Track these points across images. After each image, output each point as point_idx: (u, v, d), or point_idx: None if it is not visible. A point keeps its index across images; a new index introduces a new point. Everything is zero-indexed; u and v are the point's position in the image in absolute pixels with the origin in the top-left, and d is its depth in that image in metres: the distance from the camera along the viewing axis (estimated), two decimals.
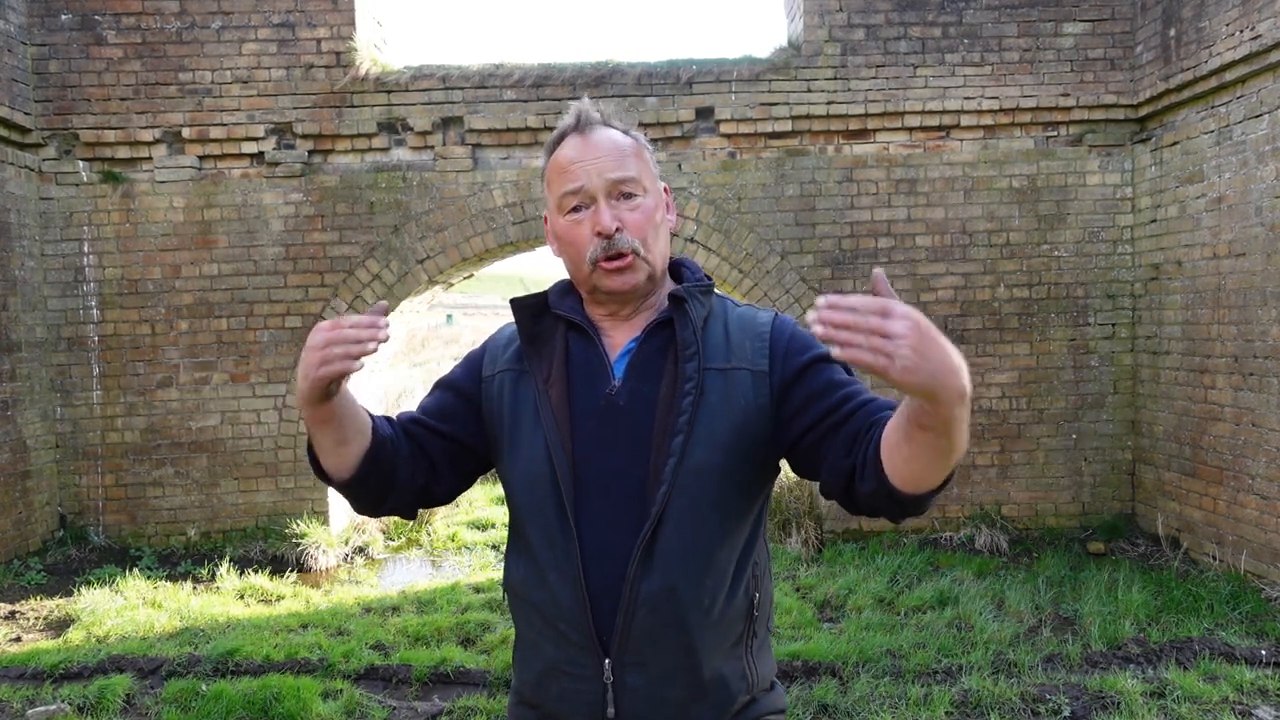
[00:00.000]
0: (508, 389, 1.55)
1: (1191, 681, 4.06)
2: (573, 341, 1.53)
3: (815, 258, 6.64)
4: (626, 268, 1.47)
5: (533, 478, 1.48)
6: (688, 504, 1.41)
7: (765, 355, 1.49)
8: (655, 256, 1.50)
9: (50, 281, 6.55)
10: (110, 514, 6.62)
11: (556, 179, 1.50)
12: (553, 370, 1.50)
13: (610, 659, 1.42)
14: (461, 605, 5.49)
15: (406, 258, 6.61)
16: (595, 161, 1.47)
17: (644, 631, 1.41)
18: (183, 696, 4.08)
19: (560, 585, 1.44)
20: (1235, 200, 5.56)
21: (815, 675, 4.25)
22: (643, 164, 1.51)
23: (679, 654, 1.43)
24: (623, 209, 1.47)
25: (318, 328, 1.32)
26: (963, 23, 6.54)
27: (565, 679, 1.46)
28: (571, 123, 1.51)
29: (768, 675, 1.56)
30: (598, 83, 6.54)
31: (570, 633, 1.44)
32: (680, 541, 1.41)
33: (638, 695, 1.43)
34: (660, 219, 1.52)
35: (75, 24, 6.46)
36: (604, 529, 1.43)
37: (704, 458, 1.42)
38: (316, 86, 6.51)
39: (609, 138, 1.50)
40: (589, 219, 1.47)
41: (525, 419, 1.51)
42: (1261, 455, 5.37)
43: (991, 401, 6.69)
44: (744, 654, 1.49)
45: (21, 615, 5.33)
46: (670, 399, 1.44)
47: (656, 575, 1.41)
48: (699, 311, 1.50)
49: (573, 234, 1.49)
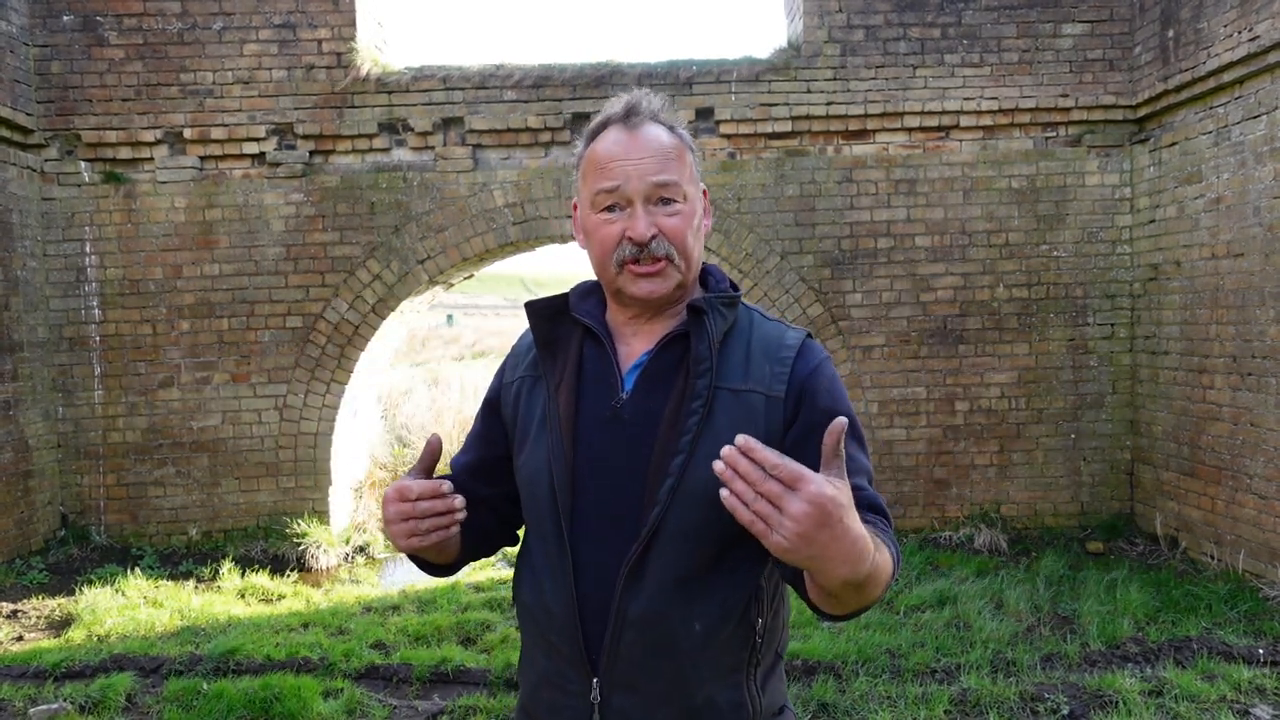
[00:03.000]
0: (524, 395, 1.52)
1: (1189, 680, 4.07)
2: (588, 348, 1.47)
3: (815, 258, 6.65)
4: (658, 274, 1.40)
5: (534, 485, 1.45)
6: (680, 528, 1.34)
7: (784, 381, 1.39)
8: (689, 264, 1.43)
9: (52, 281, 6.56)
10: (112, 513, 6.63)
11: (593, 173, 1.42)
12: (565, 378, 1.45)
13: (599, 679, 1.37)
14: (462, 605, 5.51)
15: (407, 258, 6.62)
16: (637, 164, 1.39)
17: (632, 654, 1.36)
18: (184, 695, 4.08)
19: (553, 597, 1.40)
20: (1233, 201, 5.57)
21: (814, 674, 4.26)
22: (685, 167, 1.43)
23: (668, 679, 1.36)
24: (660, 214, 1.40)
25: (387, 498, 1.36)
26: (962, 23, 6.55)
27: (556, 692, 1.42)
28: (618, 112, 1.43)
29: (775, 702, 1.46)
30: (598, 83, 6.55)
31: (561, 645, 1.40)
32: (670, 566, 1.35)
33: (625, 717, 1.38)
34: (698, 225, 1.45)
35: (77, 25, 6.47)
36: (597, 545, 1.38)
37: (704, 480, 1.30)
38: (317, 87, 6.53)
39: (654, 136, 1.41)
40: (623, 221, 1.40)
41: (534, 425, 1.47)
42: (1260, 455, 5.38)
43: (991, 401, 6.70)
44: (744, 681, 1.40)
45: (23, 614, 5.35)
46: (675, 416, 1.37)
47: (644, 598, 1.35)
48: (718, 325, 1.41)
49: (603, 233, 1.42)
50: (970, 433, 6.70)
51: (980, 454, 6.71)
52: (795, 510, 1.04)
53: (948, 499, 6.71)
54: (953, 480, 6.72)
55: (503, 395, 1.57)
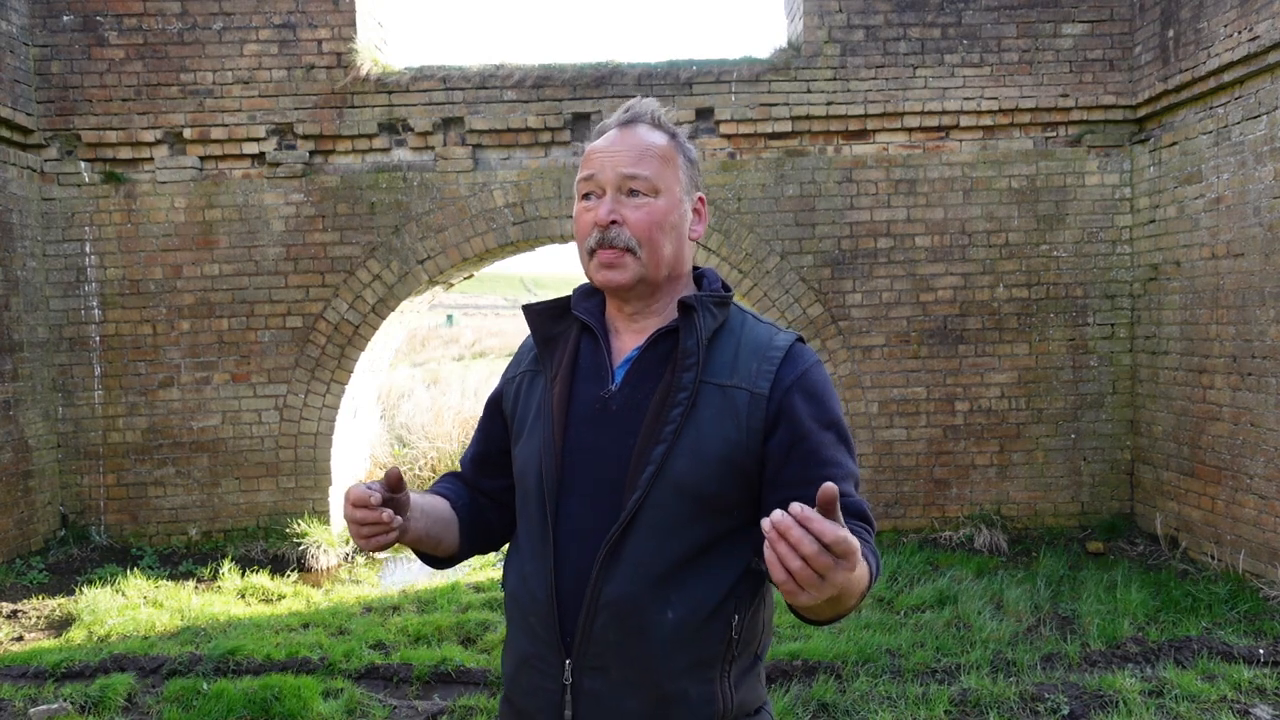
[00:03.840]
0: (524, 389, 1.59)
1: (1190, 680, 4.07)
2: (583, 343, 1.54)
3: (815, 258, 6.65)
4: (615, 263, 1.46)
5: (525, 471, 1.51)
6: (659, 515, 1.39)
7: (769, 379, 1.43)
8: (657, 260, 1.47)
9: (52, 282, 6.56)
10: (112, 513, 6.63)
11: (582, 165, 1.53)
12: (560, 370, 1.52)
13: (571, 660, 1.42)
14: (462, 605, 5.51)
15: (407, 258, 6.62)
16: (614, 155, 1.48)
17: (604, 637, 1.40)
18: (184, 695, 4.09)
19: (535, 579, 1.46)
20: (1233, 201, 5.57)
21: (814, 674, 4.26)
22: (667, 168, 1.49)
23: (639, 666, 1.40)
24: (627, 206, 1.46)
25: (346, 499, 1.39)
26: (962, 23, 6.55)
27: (534, 674, 1.47)
28: (619, 115, 1.54)
29: (750, 703, 1.49)
30: (598, 83, 6.55)
31: (538, 627, 1.45)
32: (646, 552, 1.39)
33: (595, 701, 1.41)
34: (672, 223, 1.49)
35: (77, 25, 6.47)
36: (579, 530, 1.43)
37: (683, 471, 1.38)
38: (317, 87, 6.53)
39: (642, 135, 1.50)
40: (595, 208, 1.48)
41: (531, 416, 1.54)
42: (1260, 455, 5.38)
43: (991, 401, 6.70)
44: (718, 678, 1.42)
45: (23, 614, 5.34)
46: (660, 407, 1.42)
47: (618, 582, 1.39)
48: (708, 322, 1.46)
49: (581, 219, 1.51)
50: (970, 433, 6.70)
51: (980, 454, 6.71)
52: (840, 580, 1.08)
53: (948, 499, 6.71)
54: (953, 480, 6.72)
55: (505, 391, 1.65)
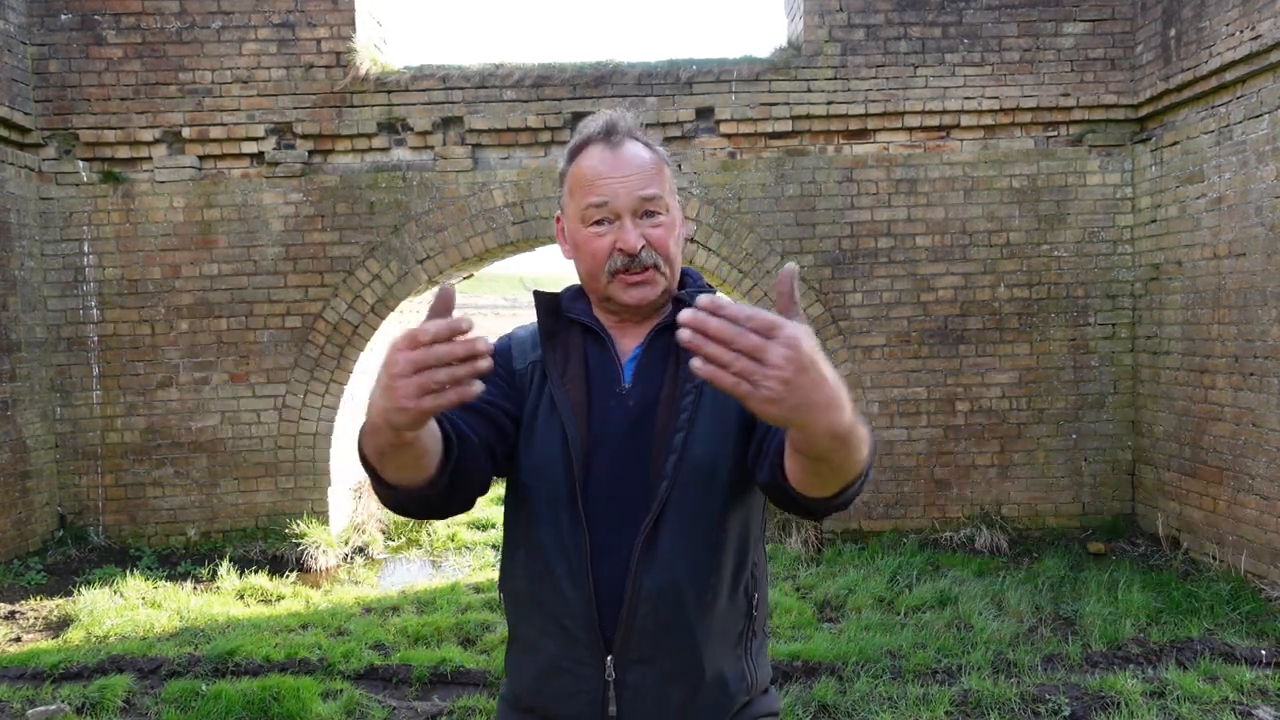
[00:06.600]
0: (535, 382, 1.58)
1: (1191, 681, 4.06)
2: (588, 344, 1.57)
3: (815, 258, 6.64)
4: (646, 282, 1.51)
5: (546, 471, 1.50)
6: (688, 499, 1.44)
7: None
8: (673, 270, 1.55)
9: (50, 281, 6.54)
10: (110, 514, 6.61)
11: (579, 190, 1.51)
12: (570, 369, 1.54)
13: (613, 655, 1.44)
14: (461, 605, 5.49)
15: (406, 258, 6.61)
16: (624, 180, 1.49)
17: (647, 628, 1.43)
18: (183, 696, 4.07)
19: (567, 581, 1.46)
20: (1235, 200, 5.56)
21: (815, 675, 4.24)
22: (664, 180, 1.54)
23: (682, 652, 1.45)
24: (646, 226, 1.50)
25: (394, 347, 1.08)
26: (963, 23, 6.54)
27: (566, 677, 1.47)
28: (598, 131, 1.52)
29: (766, 678, 1.58)
30: (598, 83, 6.54)
31: (575, 629, 1.45)
32: (681, 537, 1.44)
33: (639, 693, 1.45)
34: (680, 234, 1.57)
35: (75, 24, 6.45)
36: (610, 525, 1.45)
37: (703, 453, 1.45)
38: (316, 86, 6.51)
39: (636, 154, 1.51)
40: (612, 234, 1.49)
41: (542, 412, 1.53)
42: (1261, 455, 5.37)
43: (991, 401, 6.68)
44: (744, 655, 1.52)
45: (21, 615, 5.33)
46: (672, 398, 1.49)
47: (658, 570, 1.43)
48: None
49: (594, 245, 1.51)
50: (971, 433, 6.69)
51: (981, 454, 6.70)
52: (777, 357, 0.99)
53: (948, 499, 6.70)
54: (953, 481, 6.71)
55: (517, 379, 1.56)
